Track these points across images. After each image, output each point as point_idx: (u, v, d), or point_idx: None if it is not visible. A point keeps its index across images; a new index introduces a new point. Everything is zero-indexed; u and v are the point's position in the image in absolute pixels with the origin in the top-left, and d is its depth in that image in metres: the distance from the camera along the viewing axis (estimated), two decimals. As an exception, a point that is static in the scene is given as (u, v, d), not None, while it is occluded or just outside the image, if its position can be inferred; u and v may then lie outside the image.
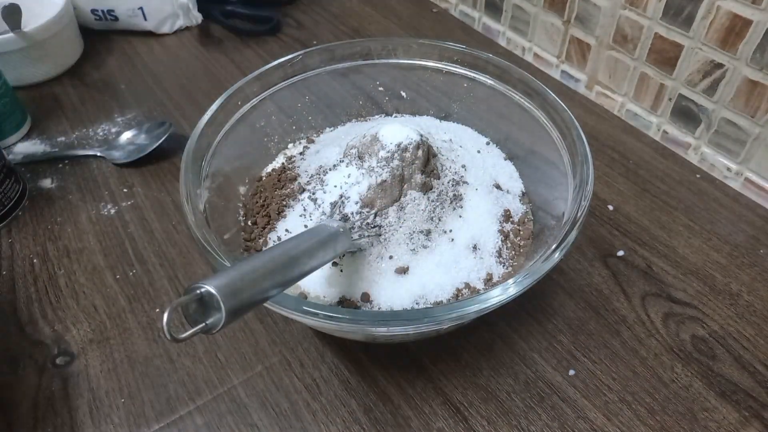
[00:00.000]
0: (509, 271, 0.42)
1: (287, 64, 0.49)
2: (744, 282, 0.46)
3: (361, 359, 0.42)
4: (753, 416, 0.39)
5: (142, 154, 0.56)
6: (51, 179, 0.56)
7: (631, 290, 0.46)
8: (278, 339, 0.43)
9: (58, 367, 0.42)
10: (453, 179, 0.43)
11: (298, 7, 0.80)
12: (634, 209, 0.52)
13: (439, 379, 0.41)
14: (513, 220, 0.44)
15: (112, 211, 0.52)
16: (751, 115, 0.50)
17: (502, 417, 0.39)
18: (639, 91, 0.59)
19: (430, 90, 0.53)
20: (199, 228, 0.36)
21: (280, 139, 0.51)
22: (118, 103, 0.64)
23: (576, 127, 0.42)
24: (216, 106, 0.44)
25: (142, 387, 0.40)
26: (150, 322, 0.44)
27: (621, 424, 0.38)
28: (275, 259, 0.30)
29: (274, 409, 0.39)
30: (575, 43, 0.63)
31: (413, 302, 0.39)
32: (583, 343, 0.42)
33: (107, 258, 0.49)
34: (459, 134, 0.51)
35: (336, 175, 0.42)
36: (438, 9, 0.79)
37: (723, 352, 0.42)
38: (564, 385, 0.40)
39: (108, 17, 0.72)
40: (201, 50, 0.72)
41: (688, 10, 0.50)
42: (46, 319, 0.44)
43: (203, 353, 0.42)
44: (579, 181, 0.39)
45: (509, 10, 0.69)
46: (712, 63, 0.51)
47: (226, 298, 0.25)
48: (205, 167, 0.42)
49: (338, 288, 0.40)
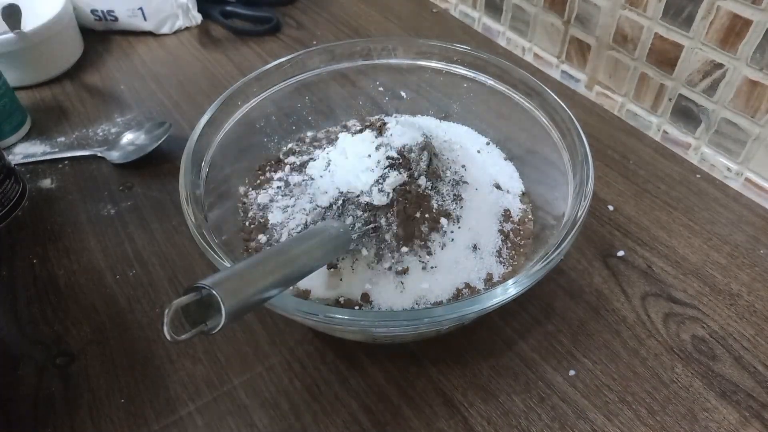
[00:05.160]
0: (509, 271, 0.42)
1: (287, 64, 0.49)
2: (744, 282, 0.46)
3: (361, 359, 0.42)
4: (753, 416, 0.39)
5: (141, 154, 0.56)
6: (51, 179, 0.56)
7: (631, 290, 0.46)
8: (278, 339, 0.43)
9: (58, 367, 0.42)
10: (453, 179, 0.43)
11: (298, 7, 0.80)
12: (634, 209, 0.52)
13: (439, 379, 0.41)
14: (513, 220, 0.44)
15: (112, 211, 0.52)
16: (751, 115, 0.50)
17: (502, 417, 0.39)
18: (639, 91, 0.59)
19: (430, 90, 0.53)
20: (199, 228, 0.36)
21: (280, 139, 0.51)
22: (118, 103, 0.64)
23: (576, 127, 0.42)
24: (216, 106, 0.45)
25: (142, 387, 0.40)
26: (150, 322, 0.44)
27: (621, 424, 0.38)
28: (275, 259, 0.30)
29: (274, 410, 0.39)
30: (575, 43, 0.63)
31: (413, 303, 0.39)
32: (583, 344, 0.42)
33: (107, 258, 0.49)
34: (459, 134, 0.51)
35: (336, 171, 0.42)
36: (438, 9, 0.79)
37: (723, 352, 0.42)
38: (564, 385, 0.40)
39: (108, 17, 0.72)
40: (201, 50, 0.72)
41: (688, 10, 0.50)
42: (46, 319, 0.44)
43: (203, 353, 0.42)
44: (579, 181, 0.39)
45: (509, 10, 0.69)
46: (712, 63, 0.51)
47: (226, 298, 0.25)
48: (205, 167, 0.42)
49: (338, 288, 0.40)
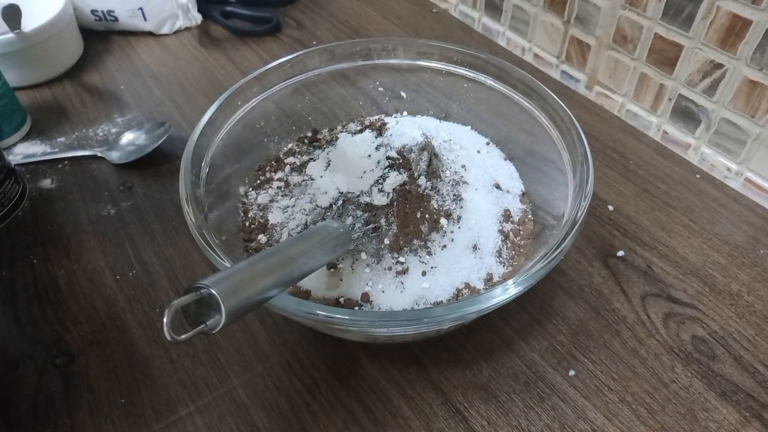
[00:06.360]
0: (509, 271, 0.42)
1: (287, 64, 0.49)
2: (744, 282, 0.46)
3: (361, 359, 0.42)
4: (753, 416, 0.39)
5: (141, 154, 0.56)
6: (51, 179, 0.56)
7: (631, 290, 0.46)
8: (278, 339, 0.43)
9: (58, 367, 0.42)
10: (453, 179, 0.43)
11: (297, 7, 0.80)
12: (634, 209, 0.52)
13: (439, 380, 0.41)
14: (513, 220, 0.44)
15: (112, 211, 0.52)
16: (751, 115, 0.50)
17: (502, 417, 0.39)
18: (639, 91, 0.59)
19: (430, 90, 0.53)
20: (199, 228, 0.36)
21: (280, 139, 0.51)
22: (118, 103, 0.64)
23: (576, 127, 0.42)
24: (216, 106, 0.44)
25: (142, 387, 0.40)
26: (150, 322, 0.44)
27: (621, 424, 0.38)
28: (275, 259, 0.30)
29: (274, 410, 0.39)
30: (575, 43, 0.63)
31: (413, 303, 0.39)
32: (583, 344, 0.42)
33: (107, 258, 0.49)
34: (459, 134, 0.51)
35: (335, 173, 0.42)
36: (438, 9, 0.79)
37: (723, 352, 0.42)
38: (564, 385, 0.40)
39: (108, 18, 0.72)
40: (201, 51, 0.72)
41: (688, 10, 0.50)
42: (46, 319, 0.44)
43: (203, 353, 0.42)
44: (579, 181, 0.39)
45: (509, 11, 0.69)
46: (712, 63, 0.51)
47: (226, 298, 0.25)
48: (205, 167, 0.42)
49: (338, 288, 0.39)
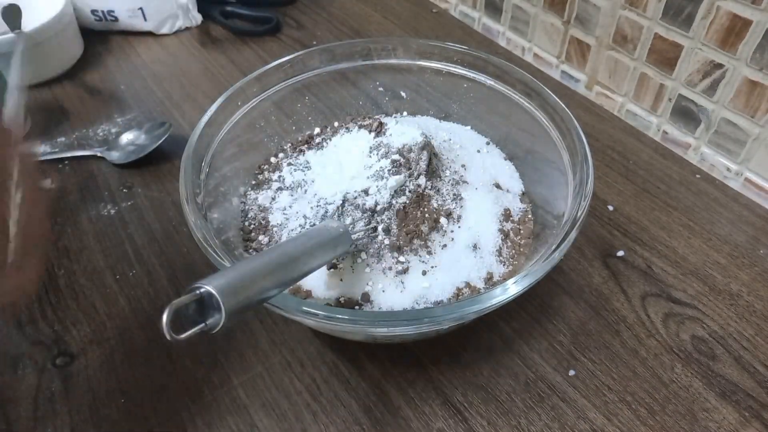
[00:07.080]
0: (509, 270, 0.42)
1: (287, 64, 0.49)
2: (744, 282, 0.46)
3: (361, 359, 0.42)
4: (753, 416, 0.39)
5: (141, 154, 0.56)
6: (51, 179, 0.56)
7: (631, 290, 0.46)
8: (278, 339, 0.43)
9: (58, 367, 0.42)
10: (453, 179, 0.43)
11: (297, 7, 0.80)
12: (634, 209, 0.52)
13: (439, 380, 0.41)
14: (513, 220, 0.44)
15: (112, 211, 0.52)
16: (751, 115, 0.50)
17: (502, 417, 0.39)
18: (639, 91, 0.59)
19: (430, 90, 0.53)
20: (199, 228, 0.36)
21: (280, 139, 0.51)
22: (118, 103, 0.64)
23: (576, 127, 0.42)
24: (216, 106, 0.45)
25: (142, 387, 0.40)
26: (150, 322, 0.44)
27: (621, 424, 0.38)
28: (275, 259, 0.30)
29: (274, 410, 0.39)
30: (575, 43, 0.63)
31: (413, 302, 0.39)
32: (583, 344, 0.42)
33: (107, 258, 0.49)
34: (459, 134, 0.51)
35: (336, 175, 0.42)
36: (438, 9, 0.79)
37: (723, 352, 0.42)
38: (564, 385, 0.40)
39: (108, 18, 0.72)
40: (201, 51, 0.72)
41: (688, 11, 0.50)
42: (46, 319, 0.44)
43: (203, 353, 0.42)
44: (579, 181, 0.39)
45: (509, 11, 0.69)
46: (711, 63, 0.51)
47: (225, 298, 0.25)
48: (205, 167, 0.42)
49: (338, 288, 0.39)
